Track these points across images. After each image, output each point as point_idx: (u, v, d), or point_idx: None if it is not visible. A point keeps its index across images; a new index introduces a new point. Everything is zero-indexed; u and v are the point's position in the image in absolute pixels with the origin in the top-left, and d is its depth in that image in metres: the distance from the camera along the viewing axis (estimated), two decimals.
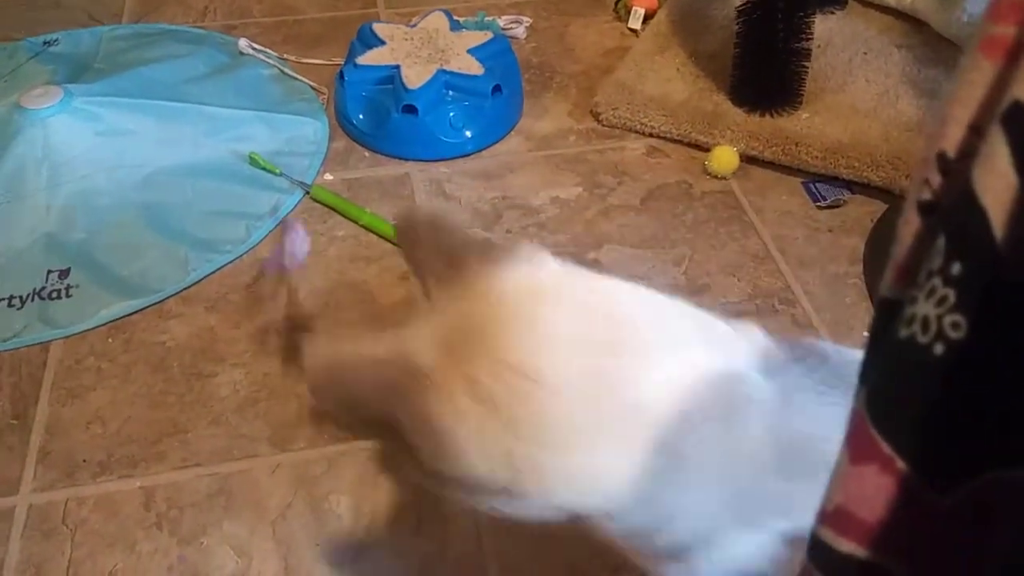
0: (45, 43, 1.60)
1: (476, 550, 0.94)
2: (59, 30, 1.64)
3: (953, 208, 0.32)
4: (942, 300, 0.31)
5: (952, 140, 0.32)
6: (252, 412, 1.06)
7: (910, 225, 0.34)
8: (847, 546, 0.36)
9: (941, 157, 0.33)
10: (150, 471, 1.01)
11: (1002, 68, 0.31)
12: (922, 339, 0.32)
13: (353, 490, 0.99)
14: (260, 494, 0.99)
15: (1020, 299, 0.29)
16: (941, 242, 0.32)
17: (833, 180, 1.34)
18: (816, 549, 0.38)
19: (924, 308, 0.32)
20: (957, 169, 0.32)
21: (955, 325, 0.31)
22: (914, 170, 0.38)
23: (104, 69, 1.51)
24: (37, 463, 1.01)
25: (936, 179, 0.33)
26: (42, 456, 1.02)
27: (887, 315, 0.35)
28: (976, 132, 0.32)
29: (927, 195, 0.34)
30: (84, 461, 1.01)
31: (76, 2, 1.74)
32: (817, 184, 1.34)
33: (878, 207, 1.31)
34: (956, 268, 0.31)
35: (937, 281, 0.32)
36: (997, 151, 0.29)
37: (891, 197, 1.31)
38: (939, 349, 0.31)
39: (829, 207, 1.31)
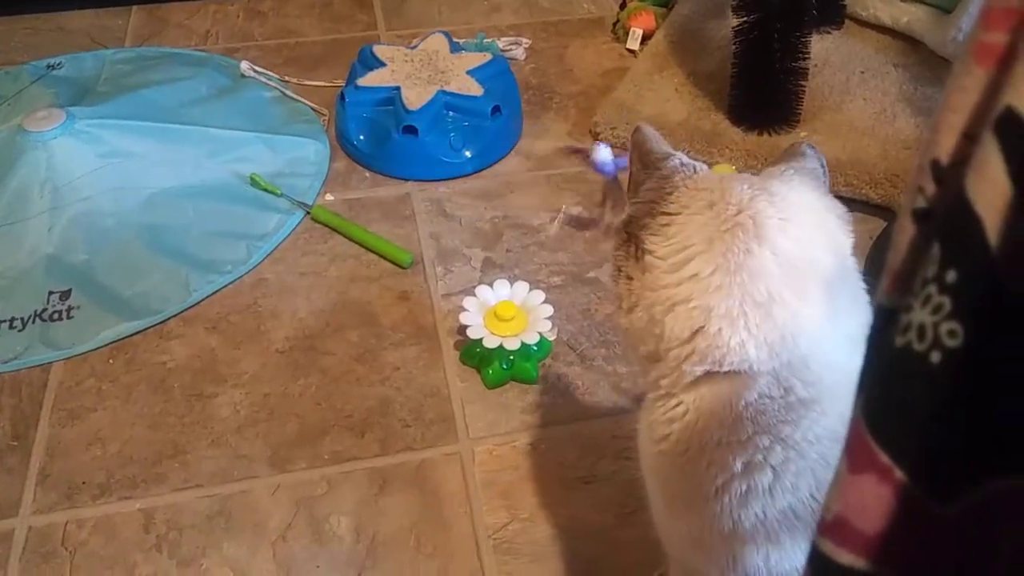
0: (49, 66, 1.61)
1: (477, 569, 0.93)
2: (63, 54, 1.65)
3: (947, 216, 0.32)
4: (938, 308, 0.31)
5: (945, 147, 0.32)
6: (252, 432, 1.06)
7: (905, 233, 0.34)
8: (847, 557, 0.36)
9: (935, 164, 0.33)
10: (150, 492, 1.00)
11: (994, 75, 0.31)
12: (918, 347, 0.32)
13: (354, 511, 0.98)
14: (260, 515, 0.98)
15: (1016, 306, 0.29)
16: (936, 250, 0.32)
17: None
18: (816, 560, 0.37)
19: (920, 316, 0.32)
20: (951, 176, 0.32)
21: (951, 333, 0.31)
22: (909, 178, 0.38)
23: (107, 92, 1.52)
24: (37, 485, 1.01)
25: (930, 186, 0.33)
26: (42, 478, 1.02)
27: (883, 323, 0.35)
28: (969, 139, 0.32)
29: (921, 202, 0.34)
30: (84, 483, 1.01)
31: (79, 26, 1.76)
32: None
33: (877, 224, 1.30)
34: (951, 276, 0.31)
35: (933, 289, 0.32)
36: (990, 158, 0.29)
37: (890, 214, 1.31)
38: (936, 357, 0.31)
39: None
